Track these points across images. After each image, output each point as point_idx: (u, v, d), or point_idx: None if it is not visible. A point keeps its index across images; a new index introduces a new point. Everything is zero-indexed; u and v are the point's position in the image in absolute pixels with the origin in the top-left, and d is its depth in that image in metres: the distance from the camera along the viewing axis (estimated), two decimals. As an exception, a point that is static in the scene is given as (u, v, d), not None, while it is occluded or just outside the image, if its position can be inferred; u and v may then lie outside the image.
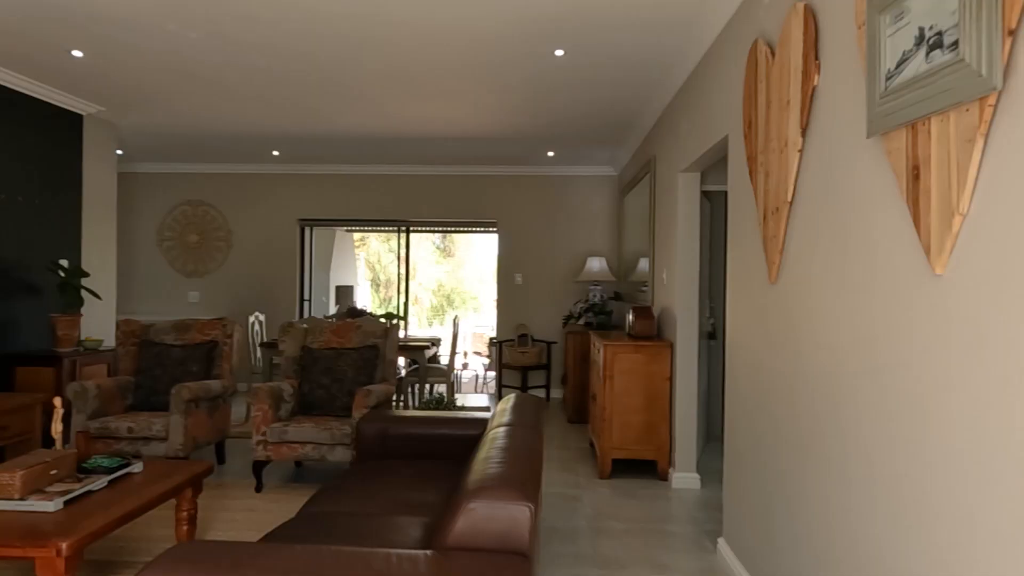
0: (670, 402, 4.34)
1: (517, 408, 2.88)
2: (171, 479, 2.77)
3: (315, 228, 7.97)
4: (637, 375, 4.35)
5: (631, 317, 4.69)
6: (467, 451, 3.29)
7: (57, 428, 2.70)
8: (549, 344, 7.35)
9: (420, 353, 5.74)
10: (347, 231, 10.43)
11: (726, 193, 5.60)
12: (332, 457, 3.89)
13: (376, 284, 17.20)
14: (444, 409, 4.21)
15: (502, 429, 2.47)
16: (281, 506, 3.69)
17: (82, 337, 5.02)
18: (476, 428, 3.32)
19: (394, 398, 6.27)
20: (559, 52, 3.87)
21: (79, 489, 2.48)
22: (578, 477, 4.39)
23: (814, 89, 2.12)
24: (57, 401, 2.70)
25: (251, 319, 6.23)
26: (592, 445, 5.03)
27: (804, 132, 2.19)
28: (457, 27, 3.53)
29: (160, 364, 4.40)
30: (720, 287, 5.54)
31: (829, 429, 1.98)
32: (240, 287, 7.65)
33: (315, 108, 5.14)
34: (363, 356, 4.39)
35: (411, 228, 7.88)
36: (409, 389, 6.17)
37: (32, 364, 4.37)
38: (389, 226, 7.92)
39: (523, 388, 7.07)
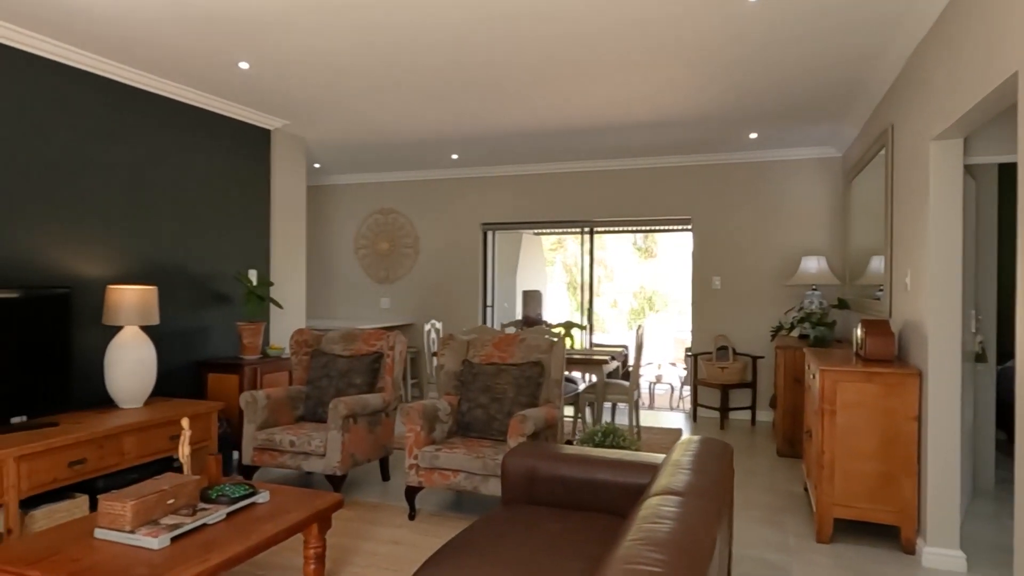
0: (918, 449, 3.25)
1: (696, 464, 2.16)
2: (292, 515, 2.50)
3: (498, 232, 7.74)
4: (869, 411, 3.32)
5: (861, 333, 3.64)
6: (630, 502, 2.63)
7: (184, 451, 2.56)
8: (755, 359, 6.29)
9: (598, 368, 5.13)
10: (534, 234, 10.15)
11: (1002, 165, 4.22)
12: (485, 490, 3.45)
13: (573, 288, 16.91)
14: (614, 444, 3.56)
15: (670, 501, 1.78)
16: (429, 540, 3.33)
17: (269, 345, 5.19)
18: (643, 475, 2.64)
19: (572, 416, 5.73)
20: (754, -3, 3.03)
21: (190, 524, 2.27)
22: (786, 536, 3.47)
23: None
24: (185, 422, 2.56)
25: (427, 327, 6.10)
26: (807, 490, 4.03)
27: None
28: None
29: (327, 375, 4.32)
30: (991, 294, 4.18)
31: None
32: (426, 293, 7.67)
33: (488, 103, 4.79)
34: (525, 373, 3.91)
35: (595, 229, 7.29)
36: (588, 407, 5.59)
37: (219, 371, 4.54)
38: (572, 227, 7.41)
39: (723, 409, 6.12)
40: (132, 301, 3.74)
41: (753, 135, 5.71)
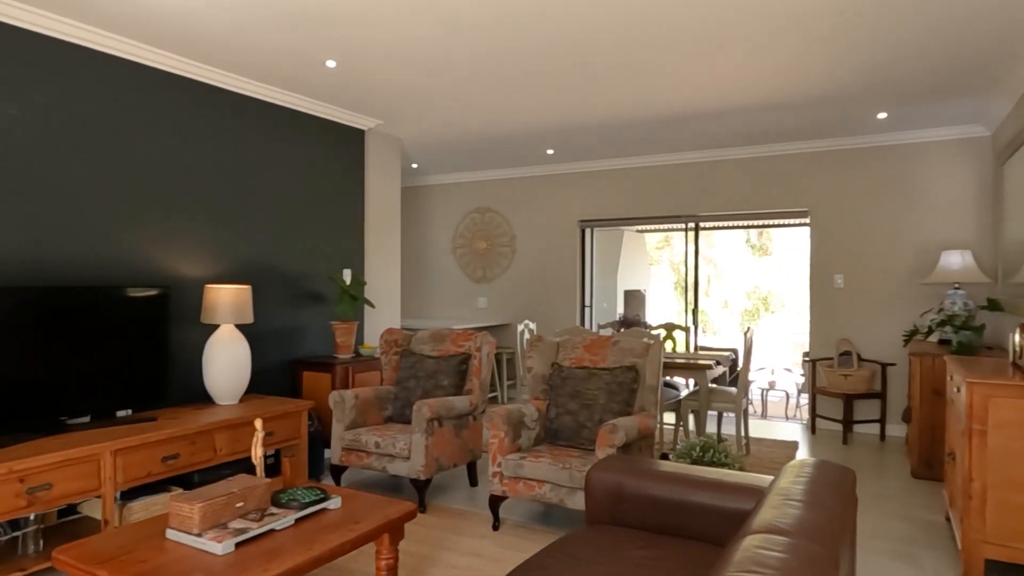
0: (1099, 481, 2.67)
1: (809, 495, 1.81)
2: (361, 525, 2.38)
3: (596, 229, 7.44)
4: (1031, 432, 2.77)
5: (1020, 339, 3.07)
6: (730, 530, 2.31)
7: (257, 453, 2.51)
8: (884, 366, 5.63)
9: (701, 373, 4.73)
10: (637, 231, 9.75)
11: None
12: (572, 504, 3.21)
13: (681, 288, 16.24)
14: (714, 461, 3.20)
15: (773, 544, 1.47)
16: (511, 554, 3.14)
17: (362, 344, 5.22)
18: (746, 500, 2.30)
19: (673, 424, 5.36)
20: (883, -55, 2.60)
21: (255, 529, 2.20)
22: (923, 574, 2.98)
23: None
24: (258, 423, 2.52)
25: (520, 327, 5.93)
26: (950, 521, 3.47)
27: None
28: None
29: (415, 375, 4.24)
30: None
31: None
32: (523, 292, 7.52)
33: (586, 92, 4.55)
34: (617, 379, 3.63)
35: (701, 225, 6.83)
36: (692, 415, 5.19)
37: (313, 369, 4.59)
38: (676, 223, 6.99)
39: (846, 422, 5.51)
40: (227, 300, 3.81)
41: (882, 115, 5.08)
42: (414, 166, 7.34)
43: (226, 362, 3.81)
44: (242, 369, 3.88)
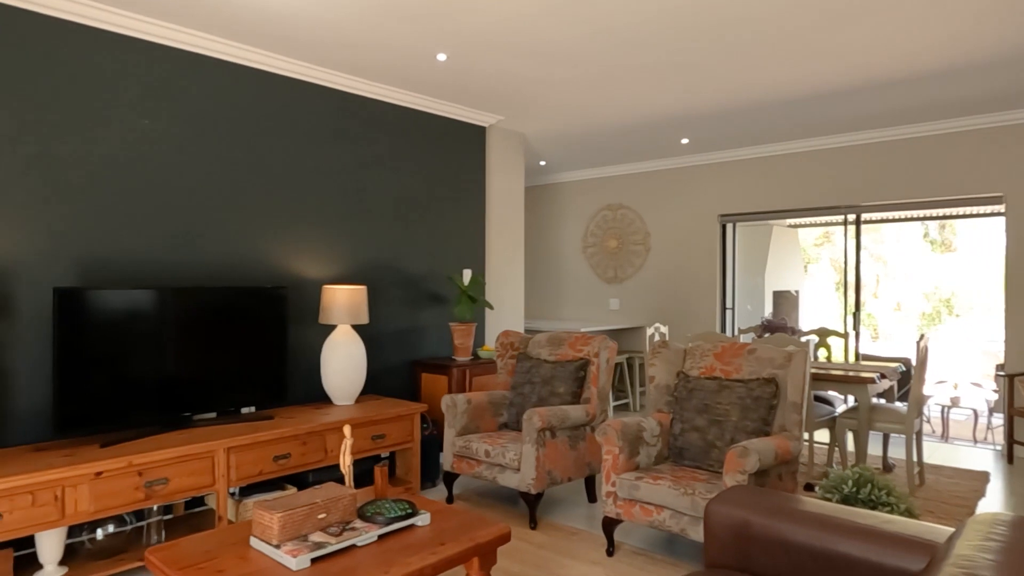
0: None
1: (1005, 569, 1.33)
2: (448, 547, 2.18)
3: (739, 224, 6.80)
4: None
5: None
6: (893, 597, 1.83)
7: (346, 462, 2.40)
8: (1109, 385, 4.55)
9: (860, 388, 4.06)
10: (788, 226, 8.85)
11: None
12: (695, 534, 2.81)
13: (843, 288, 14.73)
14: (871, 500, 2.63)
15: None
16: (625, 587, 2.80)
17: (482, 346, 5.09)
18: (912, 558, 1.81)
19: (831, 445, 4.70)
20: None
21: (333, 545, 2.07)
22: None
23: None
24: (347, 430, 2.41)
25: (650, 331, 5.50)
26: None
27: None
28: None
29: (530, 381, 4.02)
30: None
31: None
32: (657, 294, 7.05)
33: (721, 69, 4.09)
34: (753, 392, 3.16)
35: (863, 217, 5.98)
36: (851, 434, 4.50)
37: (431, 371, 4.51)
38: (833, 215, 6.19)
39: (1055, 451, 4.51)
40: (343, 301, 3.82)
41: (1106, 73, 4.09)
42: (541, 163, 7.14)
43: (342, 362, 3.81)
44: (357, 369, 3.87)
